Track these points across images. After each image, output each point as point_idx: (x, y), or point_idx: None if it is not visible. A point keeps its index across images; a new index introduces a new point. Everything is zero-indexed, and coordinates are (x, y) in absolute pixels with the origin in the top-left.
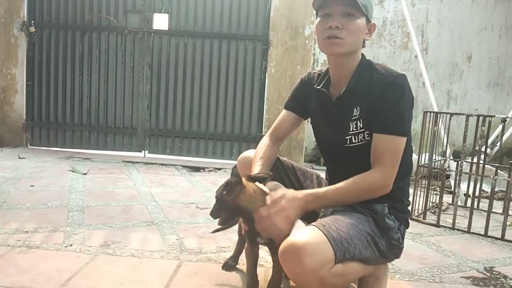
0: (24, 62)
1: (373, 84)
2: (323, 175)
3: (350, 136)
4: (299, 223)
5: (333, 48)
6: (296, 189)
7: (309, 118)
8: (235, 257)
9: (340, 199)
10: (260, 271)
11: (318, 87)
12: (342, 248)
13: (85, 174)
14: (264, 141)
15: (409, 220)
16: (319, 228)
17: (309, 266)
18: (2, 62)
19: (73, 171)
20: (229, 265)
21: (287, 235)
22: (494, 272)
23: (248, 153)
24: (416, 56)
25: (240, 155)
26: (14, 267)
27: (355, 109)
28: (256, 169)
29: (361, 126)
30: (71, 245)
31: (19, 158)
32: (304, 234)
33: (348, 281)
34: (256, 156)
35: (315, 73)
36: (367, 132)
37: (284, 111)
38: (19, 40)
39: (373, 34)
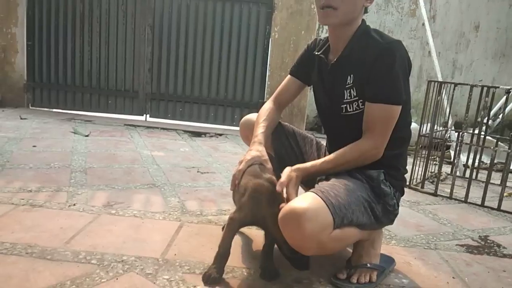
0: (24, 21)
1: (367, 52)
2: (323, 142)
3: (345, 105)
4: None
5: (327, 19)
6: (295, 153)
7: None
8: None
9: (332, 170)
10: (259, 234)
11: (317, 53)
12: (341, 214)
13: (87, 136)
14: (268, 105)
15: (407, 189)
16: (317, 195)
17: (309, 232)
18: (2, 21)
19: (75, 133)
20: None
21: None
22: (488, 241)
23: (251, 116)
24: (423, 24)
25: (243, 118)
26: (18, 224)
27: (348, 77)
28: (259, 130)
29: (355, 94)
30: (74, 205)
31: (21, 118)
32: (303, 201)
33: (345, 245)
34: (260, 118)
35: (321, 39)
36: (361, 100)
37: (288, 77)
38: None
39: (373, 0)
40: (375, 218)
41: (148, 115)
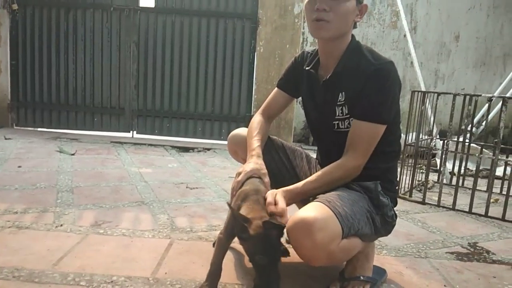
0: (8, 40)
1: (359, 70)
2: (312, 155)
3: (337, 122)
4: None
5: (320, 32)
6: (286, 167)
7: (300, 98)
8: None
9: (317, 190)
10: None
11: (307, 68)
12: (348, 223)
13: (73, 154)
14: (258, 118)
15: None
16: (325, 204)
17: (319, 241)
18: None
19: (60, 152)
20: None
21: None
22: (477, 248)
23: (239, 131)
24: (404, 36)
25: (231, 133)
26: (4, 247)
27: (340, 95)
28: (255, 144)
29: (347, 112)
30: (61, 225)
31: (5, 139)
32: (312, 210)
33: (350, 256)
34: (253, 131)
35: (308, 52)
36: (352, 118)
37: (276, 90)
38: (2, 18)
39: (364, 15)
40: (375, 229)
41: (135, 132)
